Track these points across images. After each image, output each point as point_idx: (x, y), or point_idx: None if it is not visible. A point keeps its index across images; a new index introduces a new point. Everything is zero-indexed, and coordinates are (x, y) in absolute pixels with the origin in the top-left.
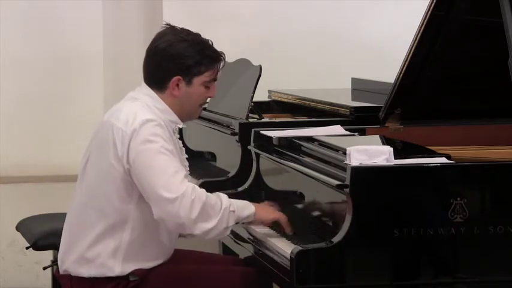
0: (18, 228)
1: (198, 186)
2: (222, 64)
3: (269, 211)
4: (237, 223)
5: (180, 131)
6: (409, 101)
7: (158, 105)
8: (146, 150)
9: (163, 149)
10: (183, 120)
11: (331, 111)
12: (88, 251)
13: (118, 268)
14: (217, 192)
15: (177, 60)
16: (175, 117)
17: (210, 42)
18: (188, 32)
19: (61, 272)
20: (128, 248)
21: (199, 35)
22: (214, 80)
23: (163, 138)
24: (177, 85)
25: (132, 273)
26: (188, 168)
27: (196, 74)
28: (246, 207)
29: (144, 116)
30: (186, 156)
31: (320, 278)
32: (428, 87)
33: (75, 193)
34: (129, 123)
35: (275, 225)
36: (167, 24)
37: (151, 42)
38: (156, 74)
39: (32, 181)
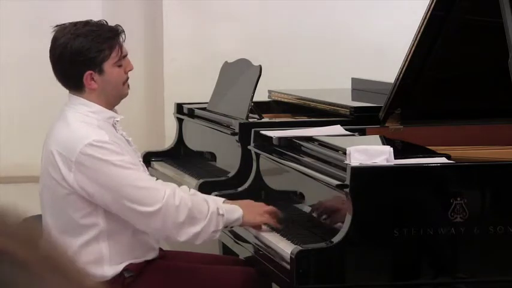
0: None
1: (179, 190)
2: (122, 36)
3: (256, 214)
4: (225, 227)
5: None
6: (409, 101)
7: (90, 108)
8: (106, 173)
9: (125, 163)
10: (115, 104)
11: (331, 111)
12: None
13: (109, 271)
14: (204, 195)
15: (79, 58)
16: (109, 113)
17: (103, 22)
18: (77, 25)
19: None
20: (111, 253)
21: (89, 22)
22: (124, 56)
23: (115, 151)
24: (92, 79)
25: (126, 269)
26: (141, 159)
27: (103, 61)
28: (235, 211)
29: (83, 137)
30: (134, 146)
31: (320, 278)
32: (429, 87)
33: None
34: (70, 148)
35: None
36: (56, 26)
37: (49, 51)
38: (68, 79)
39: (32, 181)
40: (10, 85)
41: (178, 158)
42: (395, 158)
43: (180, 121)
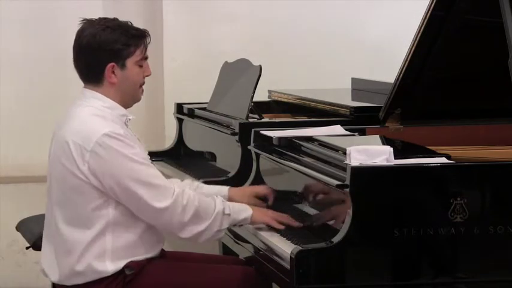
0: (18, 228)
1: (187, 189)
2: (148, 40)
3: (265, 215)
4: (234, 225)
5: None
6: (409, 101)
7: (105, 103)
8: (120, 164)
9: (138, 157)
10: (128, 105)
11: (331, 111)
12: (77, 264)
13: (111, 267)
14: (213, 195)
15: (106, 48)
16: (123, 110)
17: (130, 23)
18: (106, 19)
19: (52, 281)
20: (114, 249)
21: (118, 19)
22: (146, 58)
23: (129, 145)
24: (113, 72)
25: (128, 266)
26: (149, 157)
27: (127, 56)
28: (243, 210)
29: (100, 128)
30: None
31: (320, 278)
32: (429, 87)
33: (46, 207)
34: (86, 138)
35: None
36: (83, 20)
37: (75, 41)
38: (89, 69)
39: (32, 181)
40: (10, 85)
41: (179, 158)
42: (395, 158)
43: (180, 121)
